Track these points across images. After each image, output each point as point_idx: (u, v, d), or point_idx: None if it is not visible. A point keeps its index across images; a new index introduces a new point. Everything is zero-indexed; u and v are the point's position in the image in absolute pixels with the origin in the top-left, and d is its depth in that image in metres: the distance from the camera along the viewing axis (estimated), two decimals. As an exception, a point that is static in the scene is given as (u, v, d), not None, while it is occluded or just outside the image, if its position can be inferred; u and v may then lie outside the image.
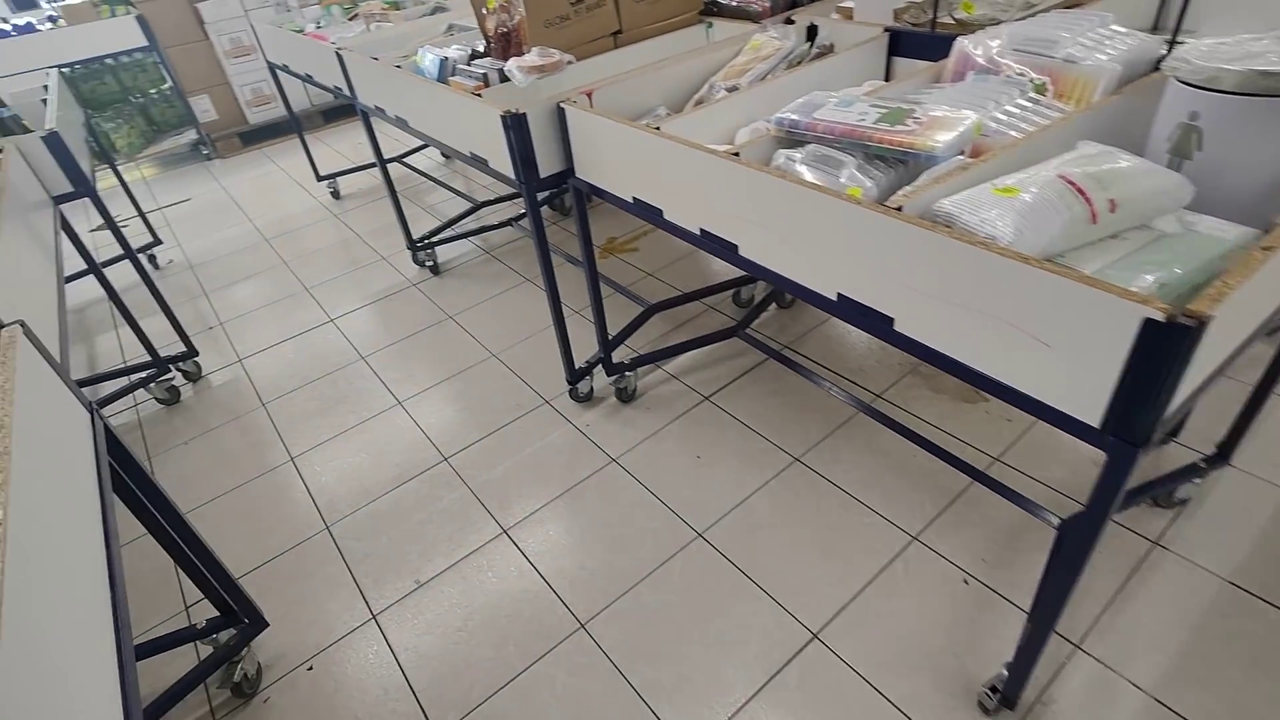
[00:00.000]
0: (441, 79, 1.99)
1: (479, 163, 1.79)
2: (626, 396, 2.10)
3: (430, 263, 2.92)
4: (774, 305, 2.36)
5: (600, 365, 2.08)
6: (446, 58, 1.99)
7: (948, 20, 1.60)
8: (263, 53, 3.48)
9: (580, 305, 2.55)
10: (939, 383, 1.99)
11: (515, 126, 1.55)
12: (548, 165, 1.64)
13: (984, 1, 1.56)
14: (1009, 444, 1.78)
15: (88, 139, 2.68)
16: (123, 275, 2.57)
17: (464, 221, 3.20)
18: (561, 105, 1.55)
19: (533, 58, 1.65)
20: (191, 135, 4.65)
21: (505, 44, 1.85)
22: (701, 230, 1.32)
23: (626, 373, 2.07)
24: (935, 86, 1.36)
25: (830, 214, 1.03)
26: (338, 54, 2.40)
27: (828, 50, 1.62)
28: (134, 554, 1.83)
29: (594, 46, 1.87)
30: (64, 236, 1.92)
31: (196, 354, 2.48)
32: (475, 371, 2.33)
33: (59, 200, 2.00)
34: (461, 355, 2.41)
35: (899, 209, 0.94)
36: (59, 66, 3.87)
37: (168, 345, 2.47)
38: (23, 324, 1.01)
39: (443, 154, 4.11)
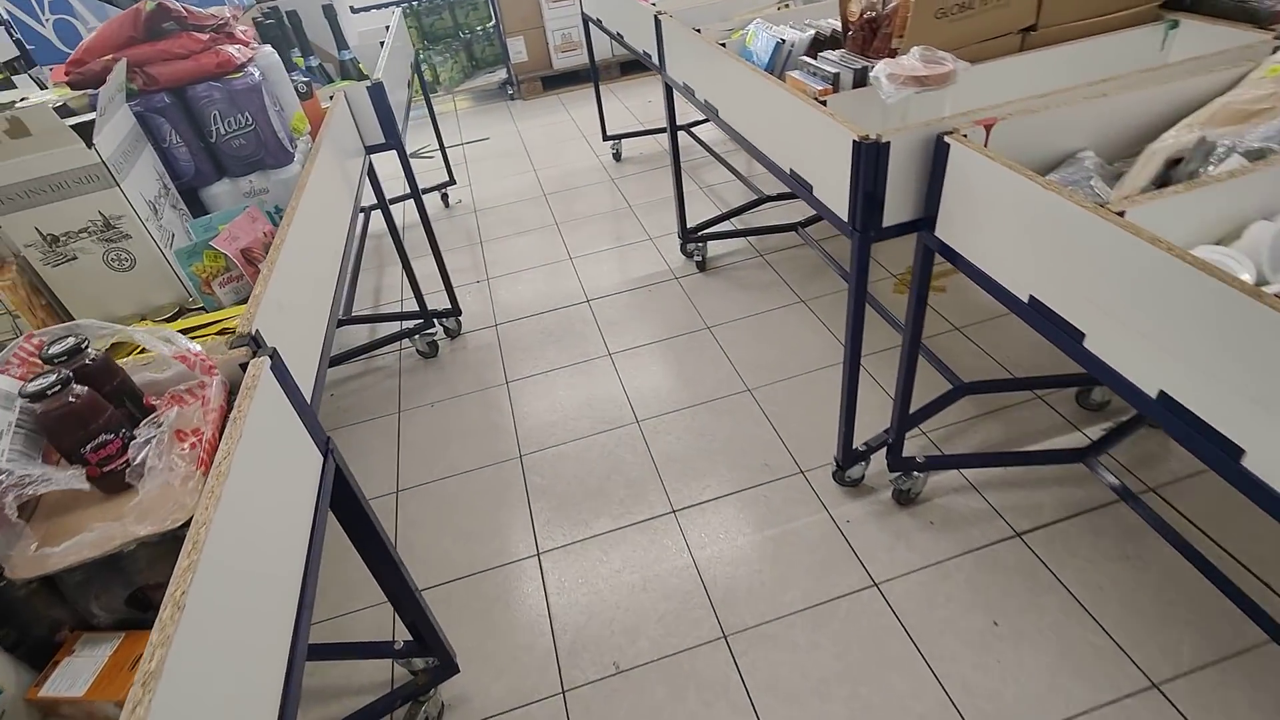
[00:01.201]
0: (771, 68, 1.62)
1: (799, 186, 1.42)
2: (906, 499, 1.65)
3: (699, 257, 2.64)
4: (1144, 425, 1.70)
5: (884, 449, 1.65)
6: (783, 40, 1.62)
7: None
8: (580, 1, 3.39)
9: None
10: None
11: (871, 159, 1.14)
12: (897, 211, 1.22)
13: None
14: None
15: (410, 78, 2.77)
16: (413, 212, 2.65)
17: (743, 215, 2.86)
18: (945, 139, 1.10)
19: (913, 63, 1.21)
20: (502, 74, 4.85)
21: (869, 35, 1.42)
22: (1162, 394, 0.82)
23: (917, 473, 1.61)
24: None
25: None
26: (656, 18, 2.13)
27: None
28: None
29: (992, 47, 1.37)
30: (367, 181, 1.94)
31: (460, 312, 2.49)
32: (724, 405, 2.02)
33: (371, 150, 2.02)
34: (713, 379, 2.12)
35: None
36: (406, 1, 4.18)
37: (437, 291, 2.50)
38: (274, 354, 0.87)
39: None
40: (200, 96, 1.31)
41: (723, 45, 1.75)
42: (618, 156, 3.65)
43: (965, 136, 1.10)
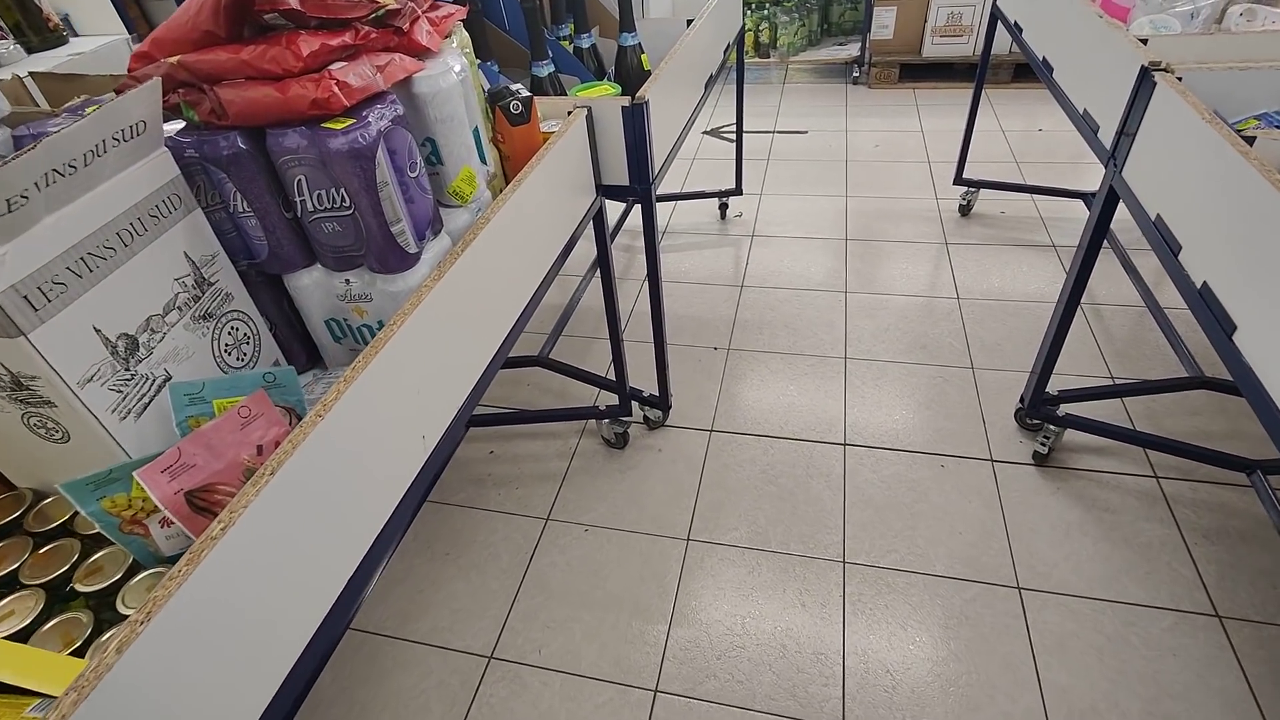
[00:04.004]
0: None
1: None
2: None
3: (1044, 444, 1.66)
4: None
5: None
6: None
7: None
8: (995, -16, 2.33)
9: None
10: None
11: None
12: None
13: None
14: None
15: (724, 59, 2.07)
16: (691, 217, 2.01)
17: (1146, 395, 1.76)
18: None
19: None
20: (853, 50, 3.91)
21: None
22: None
23: None
24: None
25: None
26: (1144, 73, 1.15)
27: None
28: None
29: None
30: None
31: (669, 405, 1.86)
32: (1005, 791, 1.15)
33: (607, 193, 1.40)
34: (999, 712, 1.24)
35: None
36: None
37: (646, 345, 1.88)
38: None
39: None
40: (283, 149, 0.77)
41: (1320, 205, 0.77)
42: (965, 210, 2.62)
43: None
